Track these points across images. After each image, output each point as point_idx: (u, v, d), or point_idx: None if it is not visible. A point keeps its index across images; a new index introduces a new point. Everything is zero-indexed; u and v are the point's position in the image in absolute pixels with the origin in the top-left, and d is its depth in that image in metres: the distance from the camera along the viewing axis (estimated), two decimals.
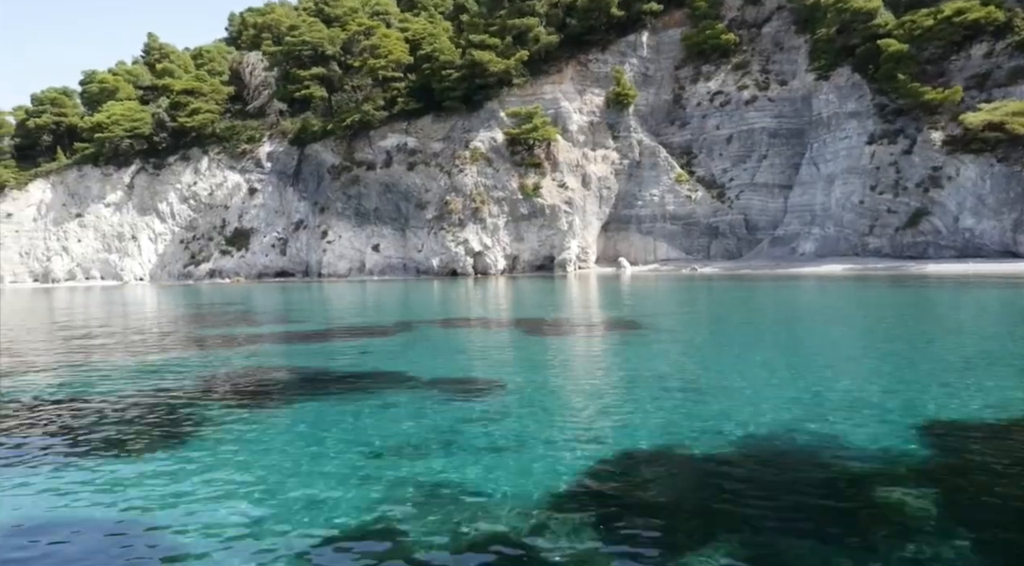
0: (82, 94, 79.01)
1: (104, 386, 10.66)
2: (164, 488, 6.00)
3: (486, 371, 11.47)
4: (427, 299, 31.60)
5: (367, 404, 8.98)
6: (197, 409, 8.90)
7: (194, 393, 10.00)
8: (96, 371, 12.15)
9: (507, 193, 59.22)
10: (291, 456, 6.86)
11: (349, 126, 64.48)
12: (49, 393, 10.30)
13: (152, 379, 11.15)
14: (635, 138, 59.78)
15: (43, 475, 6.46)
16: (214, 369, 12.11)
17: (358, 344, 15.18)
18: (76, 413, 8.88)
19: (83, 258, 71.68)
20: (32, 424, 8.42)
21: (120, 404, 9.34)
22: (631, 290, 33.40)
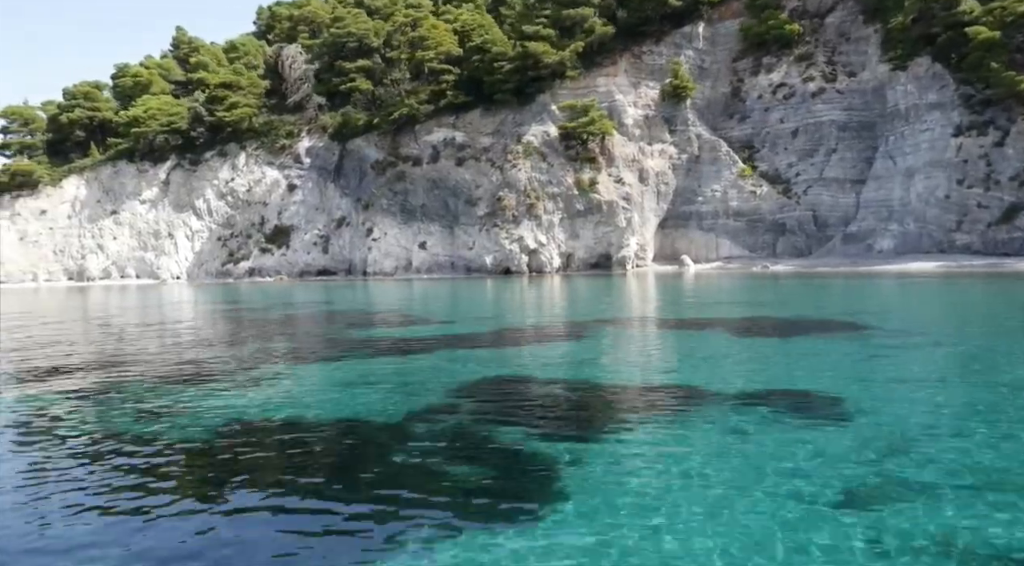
0: (114, 88, 77.23)
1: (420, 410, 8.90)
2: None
3: (791, 381, 9.69)
4: (531, 298, 29.86)
5: (734, 425, 7.21)
6: (569, 445, 7.12)
7: (518, 419, 8.22)
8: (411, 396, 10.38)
9: (562, 189, 57.42)
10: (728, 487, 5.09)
11: (394, 120, 62.69)
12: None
13: (448, 410, 9.38)
14: (693, 132, 57.97)
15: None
16: (489, 388, 10.34)
17: (569, 348, 13.42)
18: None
19: (118, 256, 69.97)
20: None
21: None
22: (735, 288, 31.60)
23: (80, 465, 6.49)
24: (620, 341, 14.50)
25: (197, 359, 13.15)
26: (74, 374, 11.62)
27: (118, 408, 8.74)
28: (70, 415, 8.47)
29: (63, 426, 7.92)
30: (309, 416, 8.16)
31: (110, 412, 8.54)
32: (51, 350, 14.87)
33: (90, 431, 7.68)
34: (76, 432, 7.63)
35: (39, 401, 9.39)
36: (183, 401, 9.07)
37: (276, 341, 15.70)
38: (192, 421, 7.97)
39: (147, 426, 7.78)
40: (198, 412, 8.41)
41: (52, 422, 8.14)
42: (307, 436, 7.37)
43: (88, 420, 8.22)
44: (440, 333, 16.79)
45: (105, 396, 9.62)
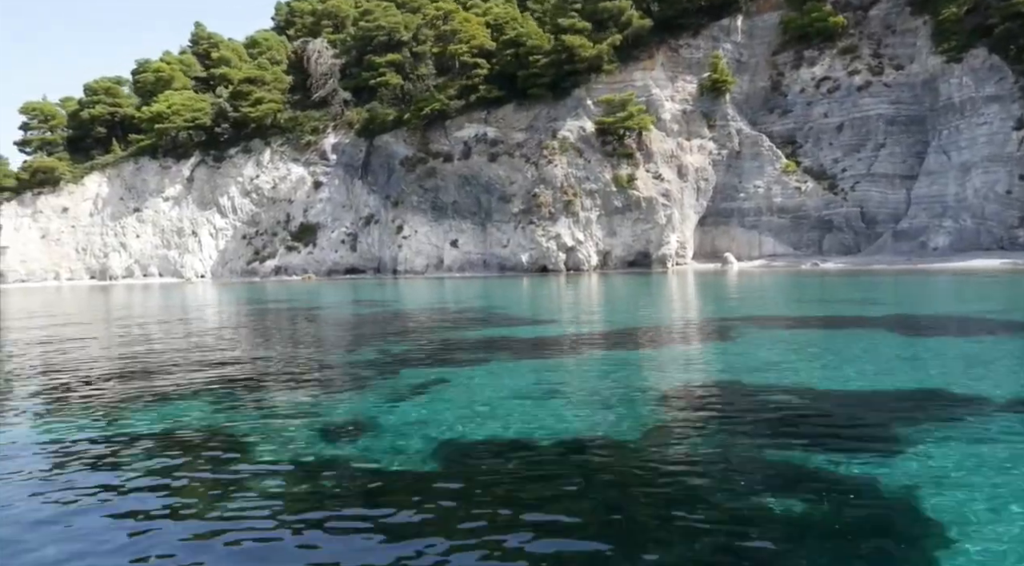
0: (134, 84, 76.05)
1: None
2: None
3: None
4: (600, 296, 28.57)
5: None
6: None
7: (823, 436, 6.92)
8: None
9: (600, 185, 56.12)
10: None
11: (425, 116, 61.40)
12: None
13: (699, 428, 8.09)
14: (733, 127, 56.64)
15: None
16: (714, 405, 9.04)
17: (735, 348, 12.09)
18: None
19: (141, 255, 68.79)
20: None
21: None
22: (805, 285, 30.20)
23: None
24: (784, 341, 13.21)
25: (332, 364, 11.89)
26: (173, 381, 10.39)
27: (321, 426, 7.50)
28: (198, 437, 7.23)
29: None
30: (509, 434, 6.84)
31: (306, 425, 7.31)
32: (121, 353, 13.65)
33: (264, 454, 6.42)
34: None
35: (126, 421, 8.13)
36: (361, 416, 7.81)
37: (393, 343, 14.40)
38: (394, 439, 6.69)
39: (336, 448, 6.53)
40: (388, 428, 7.13)
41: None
42: (530, 457, 6.07)
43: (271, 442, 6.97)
44: (563, 332, 15.49)
45: (292, 408, 8.37)
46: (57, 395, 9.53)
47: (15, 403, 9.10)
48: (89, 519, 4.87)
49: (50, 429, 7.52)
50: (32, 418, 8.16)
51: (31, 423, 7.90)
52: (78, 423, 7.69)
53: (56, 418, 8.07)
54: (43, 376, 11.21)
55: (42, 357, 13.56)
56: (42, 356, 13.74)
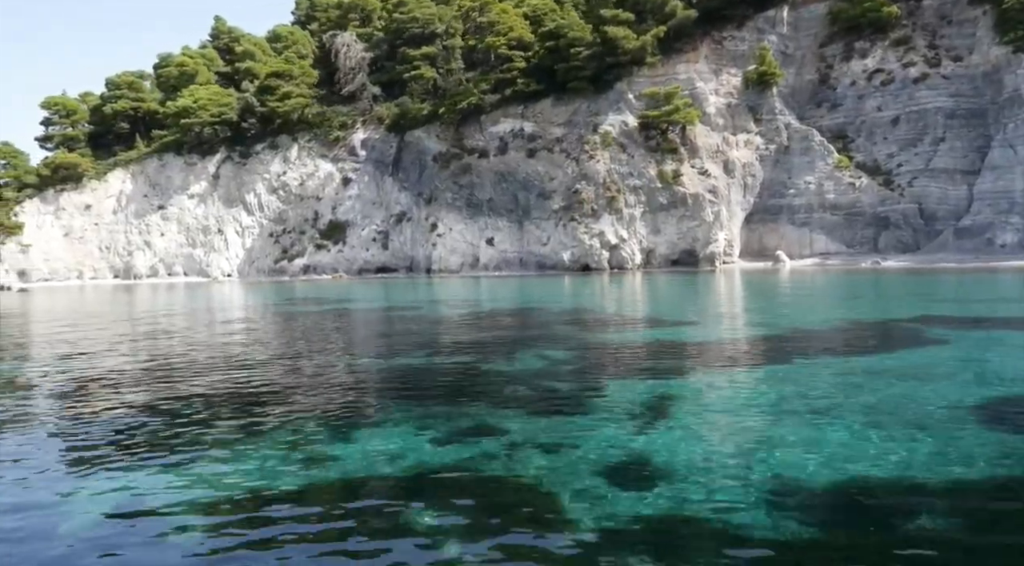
0: (157, 78, 74.32)
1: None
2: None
3: None
4: (680, 295, 26.88)
5: None
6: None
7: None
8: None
9: (644, 181, 54.41)
10: None
11: (461, 110, 59.67)
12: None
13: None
14: (781, 121, 54.90)
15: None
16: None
17: (987, 356, 10.38)
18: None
19: (166, 253, 67.10)
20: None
21: None
22: (887, 283, 28.45)
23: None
24: (1000, 345, 11.54)
25: (518, 377, 10.19)
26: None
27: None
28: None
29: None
30: (822, 472, 5.14)
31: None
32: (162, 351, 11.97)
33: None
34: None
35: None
36: (585, 435, 6.11)
37: (547, 348, 12.70)
38: (683, 485, 4.99)
39: (523, 464, 4.84)
40: (667, 469, 5.44)
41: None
42: (881, 506, 4.41)
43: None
44: (727, 336, 13.68)
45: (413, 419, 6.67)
46: (84, 405, 7.88)
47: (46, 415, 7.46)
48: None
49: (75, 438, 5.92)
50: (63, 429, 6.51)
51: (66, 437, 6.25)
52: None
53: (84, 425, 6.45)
54: (70, 391, 9.56)
55: (72, 368, 11.89)
56: (72, 367, 12.06)
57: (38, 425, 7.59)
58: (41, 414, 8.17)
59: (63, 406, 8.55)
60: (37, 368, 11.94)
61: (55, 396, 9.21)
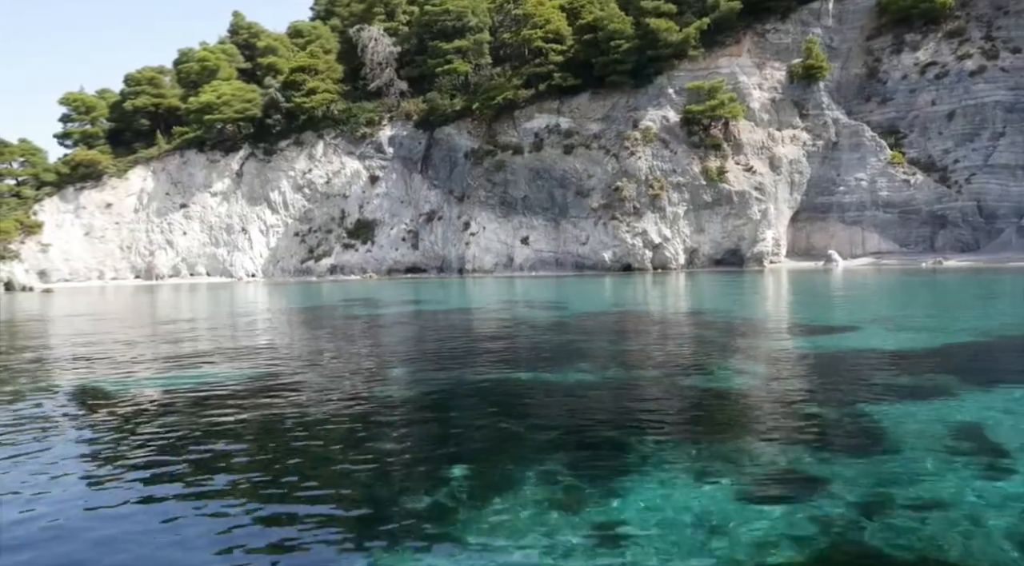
0: (177, 74, 72.53)
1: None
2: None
3: None
4: (757, 297, 25.08)
5: None
6: None
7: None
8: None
9: (688, 178, 52.63)
10: None
11: (496, 105, 57.91)
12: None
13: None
14: (829, 116, 53.09)
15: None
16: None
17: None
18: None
19: (188, 253, 65.33)
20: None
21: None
22: (989, 286, 26.63)
23: None
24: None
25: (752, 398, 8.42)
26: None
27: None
28: None
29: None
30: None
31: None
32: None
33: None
34: None
35: None
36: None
37: (732, 358, 10.94)
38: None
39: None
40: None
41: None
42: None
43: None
44: (931, 344, 11.92)
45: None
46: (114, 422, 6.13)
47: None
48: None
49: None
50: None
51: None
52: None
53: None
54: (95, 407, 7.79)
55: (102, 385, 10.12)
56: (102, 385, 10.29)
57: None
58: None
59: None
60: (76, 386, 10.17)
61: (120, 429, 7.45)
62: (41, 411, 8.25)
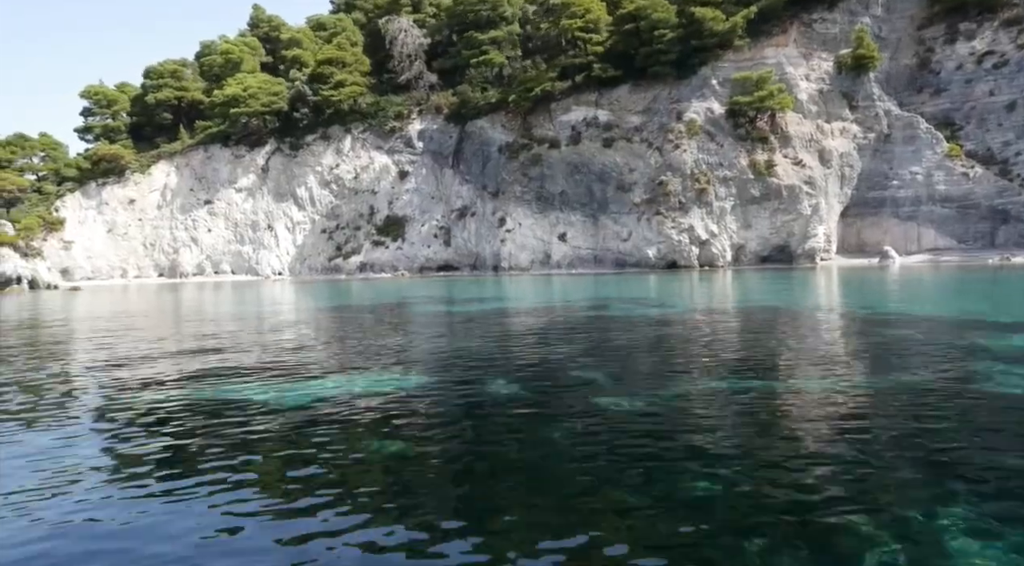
0: (200, 67, 70.87)
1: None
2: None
3: None
4: (897, 294, 23.33)
5: None
6: None
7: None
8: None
9: (735, 172, 50.87)
10: None
11: (532, 98, 56.18)
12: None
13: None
14: (880, 108, 51.32)
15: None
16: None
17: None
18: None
19: (213, 250, 63.68)
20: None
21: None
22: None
23: None
24: None
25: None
26: None
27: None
28: None
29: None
30: None
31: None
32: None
33: None
34: None
35: None
36: None
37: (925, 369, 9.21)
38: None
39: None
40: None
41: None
42: None
43: None
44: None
45: None
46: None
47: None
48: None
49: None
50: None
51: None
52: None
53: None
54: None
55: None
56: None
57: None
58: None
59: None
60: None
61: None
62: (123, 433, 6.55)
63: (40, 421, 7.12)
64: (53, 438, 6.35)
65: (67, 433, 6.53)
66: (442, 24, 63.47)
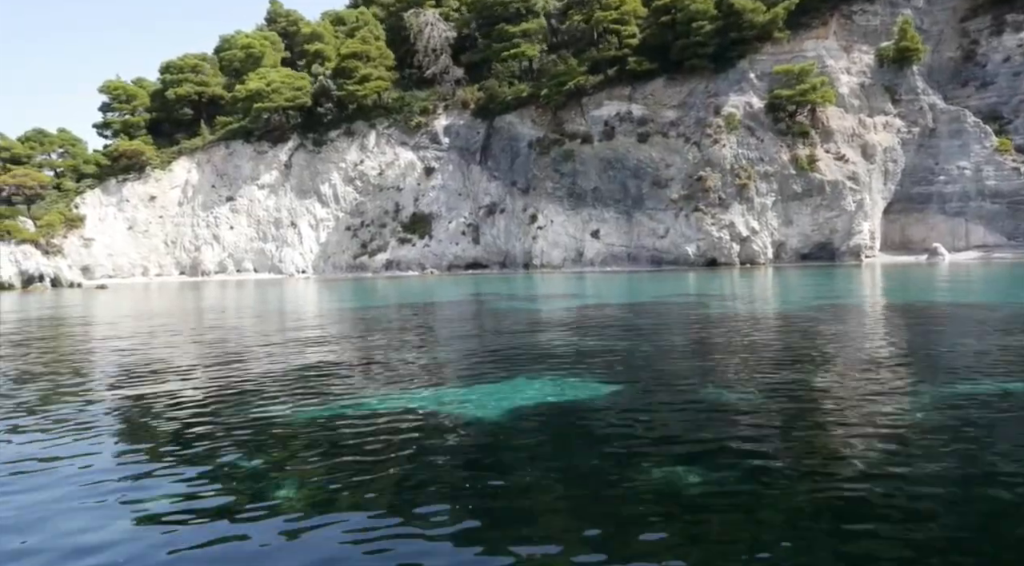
0: (220, 61, 69.51)
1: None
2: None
3: None
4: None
5: None
6: None
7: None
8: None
9: (776, 167, 49.58)
10: None
11: (565, 92, 54.88)
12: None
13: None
14: (925, 101, 50.05)
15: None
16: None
17: None
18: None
19: (235, 248, 62.35)
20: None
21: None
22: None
23: None
24: None
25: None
26: None
27: None
28: None
29: None
30: None
31: None
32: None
33: None
34: None
35: None
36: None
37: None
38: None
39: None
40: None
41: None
42: None
43: None
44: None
45: None
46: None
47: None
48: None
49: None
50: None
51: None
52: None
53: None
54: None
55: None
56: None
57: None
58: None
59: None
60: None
61: None
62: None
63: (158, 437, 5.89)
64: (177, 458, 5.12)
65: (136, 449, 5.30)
66: (470, 18, 62.10)
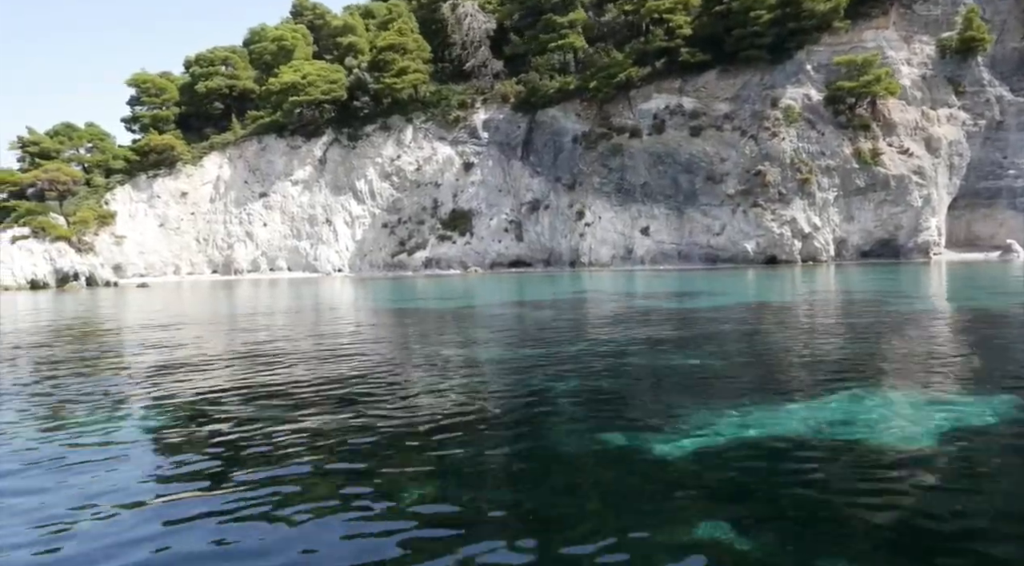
0: (250, 54, 67.77)
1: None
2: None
3: None
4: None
5: None
6: None
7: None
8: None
9: (838, 161, 47.87)
10: None
11: (614, 84, 53.17)
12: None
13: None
14: (992, 93, 48.39)
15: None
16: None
17: None
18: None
19: (268, 246, 60.60)
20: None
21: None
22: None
23: None
24: None
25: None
26: None
27: None
28: None
29: None
30: None
31: None
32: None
33: None
34: None
35: None
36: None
37: None
38: None
39: None
40: None
41: None
42: None
43: None
44: None
45: None
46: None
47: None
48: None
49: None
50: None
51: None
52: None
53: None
54: None
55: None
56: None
57: None
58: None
59: None
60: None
61: None
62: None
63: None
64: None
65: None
66: (512, 8, 60.36)
